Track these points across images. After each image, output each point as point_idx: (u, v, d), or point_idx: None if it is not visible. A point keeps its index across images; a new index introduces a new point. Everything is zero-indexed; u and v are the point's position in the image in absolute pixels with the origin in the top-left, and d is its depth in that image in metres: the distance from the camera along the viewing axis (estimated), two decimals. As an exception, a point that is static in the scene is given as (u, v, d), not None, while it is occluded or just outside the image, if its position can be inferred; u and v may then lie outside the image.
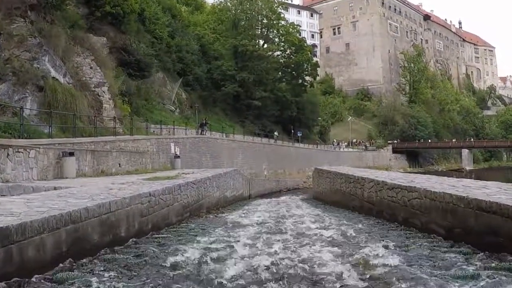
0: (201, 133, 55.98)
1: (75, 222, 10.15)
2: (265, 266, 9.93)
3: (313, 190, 47.01)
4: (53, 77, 34.36)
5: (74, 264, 9.58)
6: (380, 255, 10.85)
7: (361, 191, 23.13)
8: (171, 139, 45.67)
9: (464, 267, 9.53)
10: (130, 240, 13.00)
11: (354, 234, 14.52)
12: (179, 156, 44.06)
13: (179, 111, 66.34)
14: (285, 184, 70.28)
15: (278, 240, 13.55)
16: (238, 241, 13.48)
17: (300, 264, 10.07)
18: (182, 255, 11.08)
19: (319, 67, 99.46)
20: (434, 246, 11.99)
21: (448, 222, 12.83)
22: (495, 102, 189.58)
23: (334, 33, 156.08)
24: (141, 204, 14.44)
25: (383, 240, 13.07)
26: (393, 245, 12.26)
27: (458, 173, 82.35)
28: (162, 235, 14.64)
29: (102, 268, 9.43)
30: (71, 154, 25.07)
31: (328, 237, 13.86)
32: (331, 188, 32.84)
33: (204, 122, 58.01)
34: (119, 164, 32.57)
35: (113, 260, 10.32)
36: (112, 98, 44.35)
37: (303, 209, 28.42)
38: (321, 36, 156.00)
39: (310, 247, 12.42)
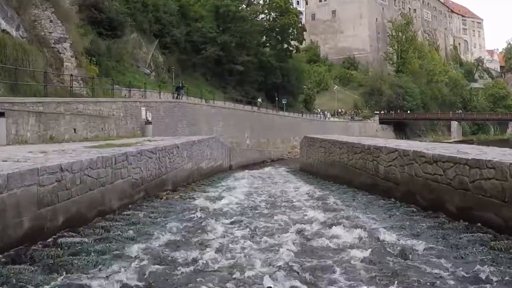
0: (177, 97, 49.93)
1: None
2: None
3: (301, 161, 42.54)
4: (3, 30, 29.73)
5: None
6: None
7: (374, 165, 17.53)
8: (142, 103, 39.91)
9: None
10: (6, 253, 7.15)
11: (405, 246, 8.66)
12: (150, 122, 38.69)
13: (155, 75, 60.10)
14: (268, 155, 65.09)
15: (273, 258, 7.83)
16: (202, 256, 7.63)
17: None
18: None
19: (305, 30, 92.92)
20: None
21: None
22: (482, 75, 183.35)
23: (320, 0, 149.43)
24: (40, 186, 8.53)
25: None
26: None
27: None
28: (75, 239, 8.76)
29: None
30: (1, 114, 19.21)
31: (362, 259, 7.87)
32: (326, 160, 27.26)
33: (180, 85, 51.82)
34: (74, 129, 26.76)
35: None
36: (76, 56, 38.70)
37: (296, 186, 22.61)
38: (306, 3, 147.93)
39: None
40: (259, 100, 72.90)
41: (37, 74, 30.80)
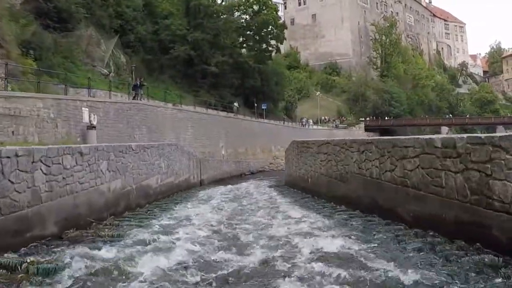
0: (134, 98, 40.25)
1: None
2: None
3: (287, 174, 33.77)
4: None
5: None
6: None
7: (476, 180, 7.97)
8: (84, 102, 30.48)
9: None
10: None
11: None
12: (94, 127, 29.08)
13: (114, 76, 50.23)
14: (247, 166, 56.69)
15: None
16: None
17: None
18: None
19: (286, 28, 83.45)
20: None
21: None
22: (465, 80, 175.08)
23: (300, 4, 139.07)
24: None
25: None
26: None
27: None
28: None
29: None
30: None
31: None
32: (331, 172, 17.82)
33: (138, 83, 42.02)
34: (-37, 133, 17.57)
35: None
36: (1, 45, 30.51)
37: (294, 222, 12.77)
38: (285, 7, 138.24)
39: None
40: (236, 104, 63.26)
41: None
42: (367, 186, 13.48)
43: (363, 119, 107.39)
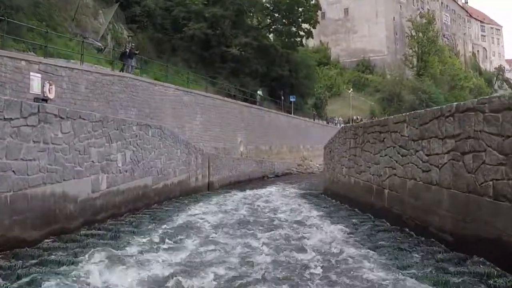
0: (122, 69, 29.39)
1: None
2: None
3: (328, 180, 23.32)
4: None
5: None
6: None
7: None
8: (33, 64, 20.54)
9: None
10: None
11: None
12: (47, 100, 18.95)
13: (110, 51, 39.45)
14: (271, 167, 45.96)
15: None
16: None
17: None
18: None
19: (320, 9, 72.65)
20: None
21: None
22: (501, 85, 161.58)
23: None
24: None
25: None
26: None
27: None
28: None
29: None
30: None
31: None
32: (470, 183, 6.44)
33: (127, 50, 31.12)
34: None
35: None
36: None
37: None
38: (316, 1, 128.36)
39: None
40: (259, 92, 52.05)
41: None
42: None
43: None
